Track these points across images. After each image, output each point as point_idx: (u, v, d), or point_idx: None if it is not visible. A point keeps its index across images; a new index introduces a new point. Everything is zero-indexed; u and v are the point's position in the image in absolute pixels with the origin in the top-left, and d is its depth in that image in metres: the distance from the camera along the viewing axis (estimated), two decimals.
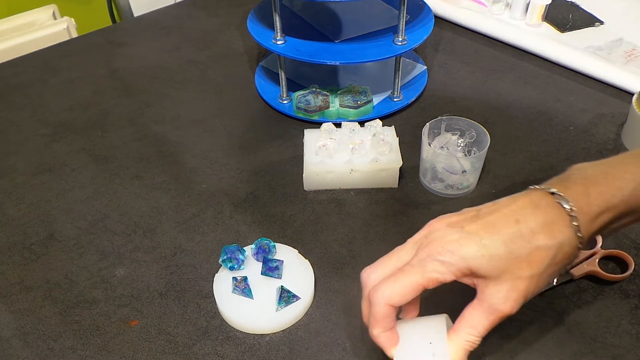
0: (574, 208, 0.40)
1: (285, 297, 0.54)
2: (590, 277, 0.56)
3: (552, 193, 0.41)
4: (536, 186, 0.43)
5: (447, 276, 0.40)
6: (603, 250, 0.57)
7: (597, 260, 0.56)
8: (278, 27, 0.72)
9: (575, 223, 0.40)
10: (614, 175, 0.42)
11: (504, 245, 0.40)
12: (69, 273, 0.59)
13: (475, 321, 0.41)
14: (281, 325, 0.53)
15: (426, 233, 0.43)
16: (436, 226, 0.42)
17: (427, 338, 0.43)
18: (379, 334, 0.43)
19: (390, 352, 0.43)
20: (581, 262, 0.56)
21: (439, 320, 0.44)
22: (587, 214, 0.41)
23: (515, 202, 0.42)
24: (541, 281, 0.41)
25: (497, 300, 0.40)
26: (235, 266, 0.56)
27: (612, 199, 0.41)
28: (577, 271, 0.55)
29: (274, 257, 0.58)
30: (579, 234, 0.40)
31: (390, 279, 0.41)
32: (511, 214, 0.41)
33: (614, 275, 0.55)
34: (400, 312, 0.47)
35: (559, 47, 0.86)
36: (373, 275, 0.43)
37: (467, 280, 0.41)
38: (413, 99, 0.80)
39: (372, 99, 0.77)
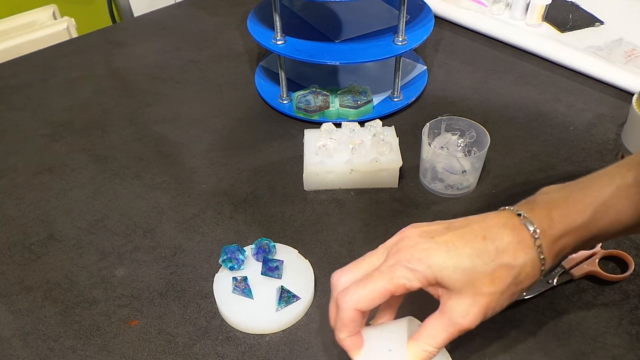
0: (537, 230, 0.41)
1: (285, 297, 0.54)
2: (590, 277, 0.56)
3: (519, 215, 0.42)
4: (506, 207, 0.44)
5: (414, 283, 0.41)
6: (603, 250, 0.57)
7: (597, 260, 0.56)
8: (278, 27, 0.72)
9: (538, 245, 0.41)
10: (575, 200, 0.43)
11: (469, 259, 0.40)
12: (69, 273, 0.59)
13: (435, 332, 0.42)
14: (281, 325, 0.53)
15: (397, 240, 0.43)
16: (407, 234, 0.43)
17: (387, 345, 0.43)
18: (345, 338, 0.43)
19: (353, 355, 0.44)
20: (581, 262, 0.56)
21: (401, 326, 0.45)
22: (549, 236, 0.41)
23: (485, 220, 0.43)
24: (502, 299, 0.42)
25: (458, 314, 0.41)
26: (235, 266, 0.56)
27: (573, 223, 0.42)
28: (577, 271, 0.55)
29: (274, 257, 0.58)
30: (541, 256, 0.41)
31: (358, 283, 0.42)
32: (480, 230, 0.42)
33: (614, 275, 0.55)
34: (373, 317, 0.48)
35: (559, 47, 0.86)
36: (343, 278, 0.44)
37: (432, 290, 0.42)
38: (413, 99, 0.80)
39: (372, 99, 0.77)
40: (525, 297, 0.54)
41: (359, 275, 0.43)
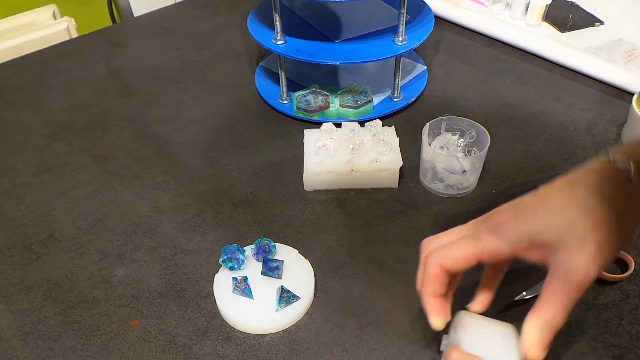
0: (629, 161, 0.40)
1: (285, 297, 0.54)
2: None
3: (604, 157, 0.41)
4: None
5: (503, 248, 0.41)
6: None
7: None
8: (278, 27, 0.72)
9: (632, 176, 0.39)
10: None
11: (560, 208, 0.39)
12: (69, 273, 0.59)
13: (553, 294, 0.40)
14: (281, 325, 0.53)
15: (488, 214, 0.44)
16: (497, 208, 0.44)
17: (497, 330, 0.44)
18: (428, 298, 0.44)
19: (433, 319, 0.44)
20: None
21: (507, 324, 0.45)
22: None
23: (569, 174, 0.42)
24: (611, 242, 0.39)
25: (572, 267, 0.38)
26: (235, 266, 0.56)
27: None
28: None
29: (274, 257, 0.58)
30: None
31: (447, 245, 0.43)
32: (566, 182, 0.41)
33: (614, 275, 0.55)
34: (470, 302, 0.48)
35: (559, 47, 0.86)
36: (433, 243, 0.45)
37: (534, 256, 0.41)
38: (413, 99, 0.80)
39: (372, 99, 0.77)
40: (526, 297, 0.54)
41: (447, 242, 0.44)
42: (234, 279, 0.55)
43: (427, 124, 0.65)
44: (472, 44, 0.93)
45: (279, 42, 0.73)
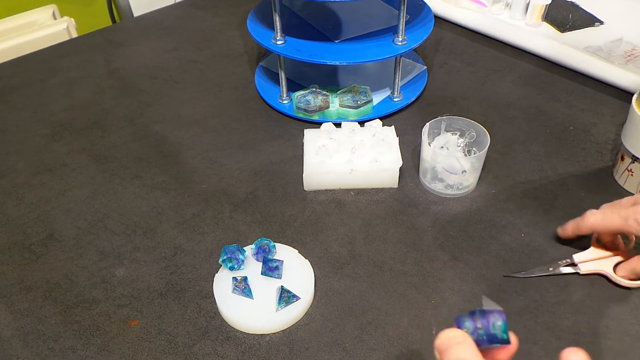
0: None
1: (285, 297, 0.54)
2: (596, 275, 0.56)
3: None
4: None
5: None
6: (621, 257, 0.56)
7: (614, 264, 0.55)
8: (278, 27, 0.72)
9: None
10: None
11: None
12: (69, 273, 0.59)
13: None
14: (281, 325, 0.53)
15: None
16: None
17: None
18: (567, 233, 0.58)
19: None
20: (592, 260, 0.56)
21: None
22: None
23: None
24: None
25: None
26: (235, 266, 0.56)
27: None
28: (585, 267, 0.55)
29: (274, 257, 0.58)
30: None
31: (604, 211, 0.54)
32: None
33: (629, 282, 0.54)
34: None
35: (559, 47, 0.86)
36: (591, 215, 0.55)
37: None
38: (413, 99, 0.80)
39: (372, 99, 0.77)
40: (520, 276, 0.55)
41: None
42: (234, 279, 0.55)
43: (427, 124, 0.65)
44: (472, 44, 0.93)
45: (278, 42, 0.73)
